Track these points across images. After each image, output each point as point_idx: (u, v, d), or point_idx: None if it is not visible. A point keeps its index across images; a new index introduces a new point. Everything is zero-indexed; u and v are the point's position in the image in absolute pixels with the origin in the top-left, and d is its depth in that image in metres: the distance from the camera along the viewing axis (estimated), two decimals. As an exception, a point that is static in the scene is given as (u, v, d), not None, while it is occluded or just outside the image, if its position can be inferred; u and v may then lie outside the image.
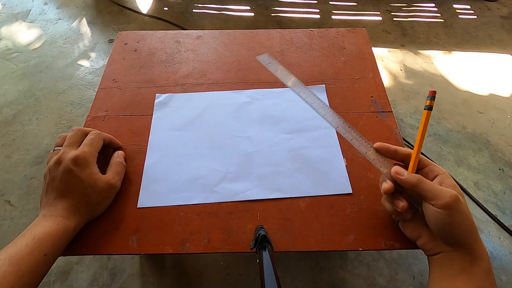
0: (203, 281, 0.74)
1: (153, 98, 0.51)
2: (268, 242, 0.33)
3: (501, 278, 0.75)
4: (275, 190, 0.42)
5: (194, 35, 0.61)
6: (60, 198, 0.34)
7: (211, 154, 0.45)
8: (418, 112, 1.09)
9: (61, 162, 0.35)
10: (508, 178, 0.93)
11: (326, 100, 0.51)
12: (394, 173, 0.33)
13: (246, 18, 1.44)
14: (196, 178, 0.43)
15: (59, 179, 0.35)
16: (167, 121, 0.49)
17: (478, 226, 0.83)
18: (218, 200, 0.41)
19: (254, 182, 0.42)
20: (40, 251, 0.30)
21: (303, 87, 0.44)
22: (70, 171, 0.34)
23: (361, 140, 0.37)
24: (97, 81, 1.16)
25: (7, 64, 1.21)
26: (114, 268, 0.75)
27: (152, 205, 0.40)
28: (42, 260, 0.30)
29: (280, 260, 0.77)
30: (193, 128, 0.48)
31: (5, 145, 0.98)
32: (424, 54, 1.29)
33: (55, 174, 0.35)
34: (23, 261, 0.29)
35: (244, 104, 0.51)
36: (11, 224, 0.83)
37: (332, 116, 0.39)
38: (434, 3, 1.51)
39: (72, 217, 0.34)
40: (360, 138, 0.37)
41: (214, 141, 0.47)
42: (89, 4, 1.47)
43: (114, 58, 0.57)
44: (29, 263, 0.29)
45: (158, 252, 0.37)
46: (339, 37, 0.61)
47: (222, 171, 0.44)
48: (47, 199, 0.35)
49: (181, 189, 0.42)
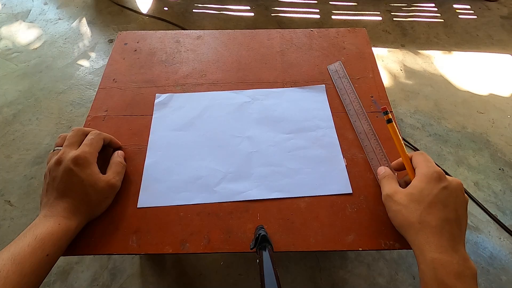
0: (203, 281, 0.74)
1: (153, 98, 0.51)
2: (268, 242, 0.33)
3: (501, 278, 0.75)
4: (275, 190, 0.42)
5: (194, 35, 0.61)
6: (60, 198, 0.34)
7: (211, 154, 0.45)
8: (418, 112, 1.09)
9: (61, 162, 0.35)
10: (508, 178, 0.93)
11: (326, 100, 0.51)
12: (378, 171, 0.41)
13: (246, 18, 1.44)
14: (196, 178, 0.43)
15: (59, 179, 0.35)
16: (167, 121, 0.49)
17: (478, 226, 0.83)
18: (218, 200, 0.41)
19: (254, 182, 0.42)
20: (43, 251, 0.30)
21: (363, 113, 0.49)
22: (70, 171, 0.34)
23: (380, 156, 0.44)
24: (97, 81, 1.16)
25: (7, 64, 1.21)
26: (114, 268, 0.75)
27: (152, 205, 0.40)
28: (45, 260, 0.30)
29: (280, 260, 0.77)
30: (193, 128, 0.48)
31: (5, 145, 0.98)
32: (424, 54, 1.29)
33: (55, 174, 0.35)
34: (26, 260, 0.29)
35: (244, 104, 0.51)
36: (11, 224, 0.83)
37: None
38: (434, 3, 1.51)
39: (73, 217, 0.34)
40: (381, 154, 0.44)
41: (214, 141, 0.47)
42: (89, 4, 1.47)
43: (114, 58, 0.57)
44: (32, 263, 0.29)
45: (158, 252, 0.37)
46: (339, 37, 0.61)
47: (222, 171, 0.44)
48: (47, 199, 0.35)
49: (181, 189, 0.42)
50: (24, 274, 0.28)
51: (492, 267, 0.77)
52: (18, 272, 0.28)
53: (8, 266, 0.28)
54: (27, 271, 0.29)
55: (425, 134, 1.03)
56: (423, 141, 1.01)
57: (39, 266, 0.30)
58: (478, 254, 0.79)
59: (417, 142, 1.01)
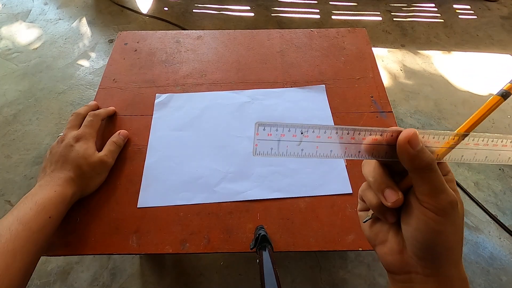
0: (203, 281, 0.74)
1: (153, 98, 0.51)
2: (268, 242, 0.33)
3: (501, 278, 0.75)
4: (275, 190, 0.42)
5: (194, 35, 0.61)
6: (57, 171, 0.37)
7: (211, 154, 0.45)
8: (418, 112, 1.09)
9: (63, 141, 0.39)
10: (508, 178, 0.93)
11: (326, 100, 0.51)
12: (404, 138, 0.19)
13: (246, 18, 1.44)
14: (196, 178, 0.43)
15: (59, 153, 0.38)
16: (167, 121, 0.49)
17: (478, 226, 0.83)
18: (218, 200, 0.41)
19: (254, 182, 0.42)
20: (45, 213, 0.33)
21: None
22: (70, 146, 0.39)
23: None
24: (97, 81, 1.16)
25: (7, 64, 1.21)
26: (114, 268, 0.75)
27: (152, 205, 0.40)
28: (48, 221, 0.33)
29: (280, 260, 0.77)
30: (193, 128, 0.48)
31: (5, 145, 0.98)
32: (424, 54, 1.29)
33: (55, 150, 0.39)
34: (32, 221, 0.31)
35: (244, 104, 0.51)
36: (11, 224, 0.83)
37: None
38: (434, 3, 1.51)
39: (68, 186, 0.36)
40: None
41: (214, 141, 0.47)
42: (89, 4, 1.47)
43: (114, 58, 0.57)
44: (37, 222, 0.32)
45: (158, 252, 0.37)
46: (339, 37, 0.61)
47: (222, 171, 0.44)
48: (44, 173, 0.38)
49: (181, 189, 0.42)
50: (32, 231, 0.31)
51: (492, 267, 0.77)
52: (27, 230, 0.30)
53: (15, 225, 0.30)
54: (34, 230, 0.31)
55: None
56: (423, 141, 1.01)
57: (43, 227, 0.32)
58: (478, 254, 0.79)
59: (417, 142, 1.01)
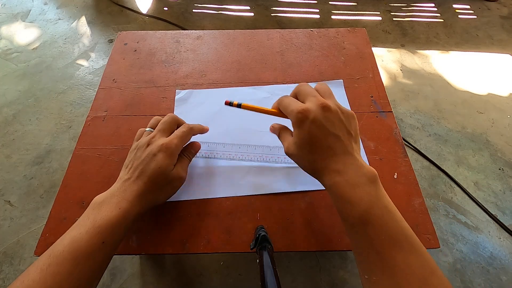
0: (203, 281, 0.74)
1: (153, 98, 0.51)
2: (268, 242, 0.33)
3: (501, 278, 0.75)
4: (299, 183, 0.42)
5: (194, 35, 0.61)
6: (134, 181, 0.35)
7: (234, 149, 0.46)
8: (418, 112, 1.09)
9: (150, 145, 0.36)
10: (508, 178, 0.93)
11: (344, 95, 0.51)
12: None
13: (246, 18, 1.44)
14: (220, 173, 0.43)
15: (141, 159, 0.36)
16: (189, 117, 0.48)
17: (478, 226, 0.83)
18: (244, 193, 0.41)
19: (279, 176, 0.43)
20: (99, 238, 0.30)
21: None
22: (153, 156, 0.35)
23: None
24: (97, 81, 1.16)
25: (7, 64, 1.22)
26: (114, 268, 0.75)
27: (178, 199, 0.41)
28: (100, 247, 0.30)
29: (280, 260, 0.77)
30: (214, 124, 0.48)
31: (5, 145, 0.98)
32: (424, 54, 1.29)
33: (140, 154, 0.36)
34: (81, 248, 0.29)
35: (264, 100, 0.51)
36: (11, 224, 0.83)
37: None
38: (434, 3, 1.51)
39: (136, 203, 0.34)
40: None
41: (237, 136, 0.47)
42: (89, 4, 1.47)
43: (114, 58, 0.57)
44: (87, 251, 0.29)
45: (158, 252, 0.37)
46: (339, 37, 0.61)
47: (246, 165, 0.44)
48: (123, 174, 0.36)
49: (205, 183, 0.42)
50: (78, 262, 0.29)
51: (492, 267, 0.77)
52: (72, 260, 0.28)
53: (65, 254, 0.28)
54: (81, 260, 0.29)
55: (425, 134, 1.03)
56: (423, 141, 1.01)
57: (93, 254, 0.30)
58: (478, 254, 0.79)
59: (417, 142, 1.01)
